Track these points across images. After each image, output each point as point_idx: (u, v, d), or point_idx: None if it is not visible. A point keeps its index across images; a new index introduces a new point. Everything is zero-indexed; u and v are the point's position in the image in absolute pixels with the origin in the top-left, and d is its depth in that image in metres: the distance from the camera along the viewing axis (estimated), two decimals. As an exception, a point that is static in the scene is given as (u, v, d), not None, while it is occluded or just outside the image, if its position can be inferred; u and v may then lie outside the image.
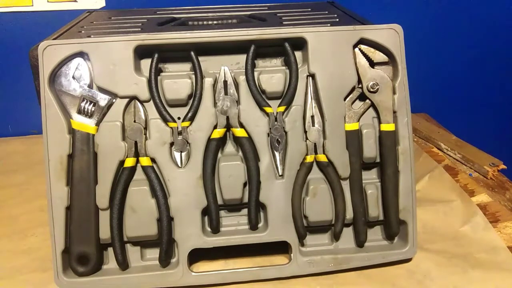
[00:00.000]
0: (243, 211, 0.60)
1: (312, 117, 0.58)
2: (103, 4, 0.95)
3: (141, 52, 0.56)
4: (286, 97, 0.57)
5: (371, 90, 0.57)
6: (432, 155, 0.89)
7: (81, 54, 0.54)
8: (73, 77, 0.54)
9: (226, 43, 0.56)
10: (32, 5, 0.93)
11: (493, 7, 1.09)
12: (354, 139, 0.58)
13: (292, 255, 0.58)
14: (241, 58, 0.58)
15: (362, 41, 0.57)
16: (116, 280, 0.55)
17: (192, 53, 0.56)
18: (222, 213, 0.59)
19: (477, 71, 1.16)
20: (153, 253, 0.58)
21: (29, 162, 0.88)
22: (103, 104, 0.54)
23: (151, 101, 0.56)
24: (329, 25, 0.64)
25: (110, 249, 0.56)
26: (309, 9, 0.78)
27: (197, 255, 0.58)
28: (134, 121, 0.56)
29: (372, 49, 0.58)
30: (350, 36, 0.57)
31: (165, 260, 0.56)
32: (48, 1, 0.93)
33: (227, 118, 0.57)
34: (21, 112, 1.01)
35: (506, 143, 1.21)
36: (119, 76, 0.54)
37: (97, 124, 0.55)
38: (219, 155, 0.58)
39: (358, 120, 0.58)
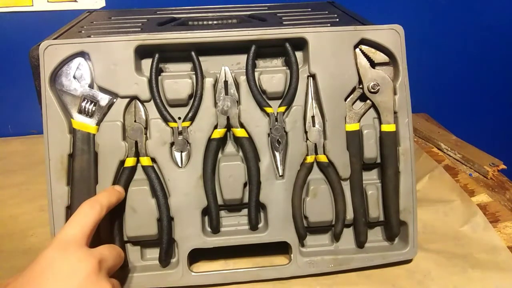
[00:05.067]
0: (243, 211, 0.60)
1: (313, 117, 0.58)
2: (103, 4, 0.95)
3: (141, 52, 0.56)
4: (287, 98, 0.57)
5: (372, 90, 0.57)
6: (432, 155, 0.89)
7: (82, 54, 0.54)
8: (74, 77, 0.54)
9: (226, 43, 0.56)
10: (32, 5, 0.93)
11: (493, 7, 1.09)
12: (354, 140, 0.58)
13: (292, 255, 0.58)
14: (242, 58, 0.58)
15: (363, 41, 0.57)
16: (116, 279, 0.55)
17: (193, 53, 0.56)
18: (222, 213, 0.59)
19: (477, 71, 1.16)
20: (153, 253, 0.58)
21: (29, 162, 0.88)
22: (104, 104, 0.54)
23: (152, 101, 0.56)
24: (329, 25, 0.64)
25: (111, 249, 0.56)
26: (309, 9, 0.78)
27: (197, 255, 0.58)
28: (135, 121, 0.56)
29: (373, 50, 0.57)
30: (351, 37, 0.57)
31: (165, 260, 0.56)
32: (48, 1, 0.93)
33: (228, 118, 0.57)
34: (21, 112, 1.01)
35: (506, 143, 1.21)
36: (119, 76, 0.54)
37: (98, 123, 0.54)
38: (220, 155, 0.58)
39: (359, 121, 0.58)
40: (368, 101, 0.58)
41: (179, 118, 0.56)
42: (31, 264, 0.43)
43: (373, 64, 0.58)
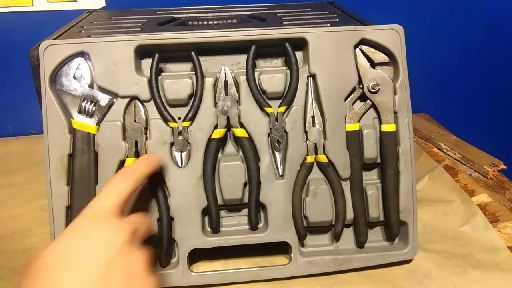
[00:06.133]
0: (243, 211, 0.60)
1: (313, 117, 0.58)
2: (103, 4, 0.95)
3: (141, 52, 0.56)
4: (287, 98, 0.57)
5: (372, 90, 0.57)
6: (432, 155, 0.89)
7: (82, 54, 0.54)
8: (74, 77, 0.54)
9: (226, 43, 0.56)
10: (32, 5, 0.93)
11: (493, 7, 1.09)
12: (354, 140, 0.58)
13: (292, 255, 0.58)
14: (242, 58, 0.58)
15: (363, 41, 0.57)
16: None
17: (193, 53, 0.56)
18: (222, 213, 0.59)
19: (477, 71, 1.16)
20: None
21: (29, 162, 0.88)
22: (104, 104, 0.54)
23: (152, 101, 0.56)
24: (329, 25, 0.64)
25: (111, 249, 0.56)
26: (309, 9, 0.78)
27: (197, 255, 0.59)
28: (135, 121, 0.56)
29: (373, 50, 0.57)
30: (351, 37, 0.57)
31: (165, 260, 0.56)
32: (48, 1, 0.93)
33: (228, 118, 0.57)
34: (21, 112, 1.01)
35: (506, 143, 1.21)
36: (120, 76, 0.54)
37: (98, 123, 0.55)
38: (220, 155, 0.58)
39: (359, 121, 0.58)
40: (368, 101, 0.58)
41: (179, 118, 0.56)
42: (63, 233, 0.41)
43: (373, 64, 0.58)
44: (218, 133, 0.56)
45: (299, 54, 0.58)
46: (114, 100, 0.55)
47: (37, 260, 0.39)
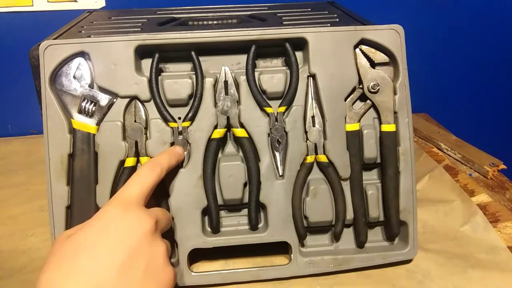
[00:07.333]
0: (243, 211, 0.60)
1: (313, 117, 0.58)
2: (103, 4, 0.95)
3: (141, 52, 0.56)
4: (287, 98, 0.57)
5: (372, 90, 0.57)
6: (432, 155, 0.89)
7: (82, 54, 0.54)
8: (74, 77, 0.54)
9: (226, 43, 0.56)
10: (32, 5, 0.93)
11: (493, 7, 1.09)
12: (354, 140, 0.58)
13: (292, 255, 0.58)
14: (242, 58, 0.58)
15: (363, 41, 0.57)
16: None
17: (193, 53, 0.56)
18: (222, 213, 0.59)
19: (477, 71, 1.16)
20: (154, 253, 0.58)
21: (29, 162, 0.88)
22: (104, 104, 0.54)
23: (152, 101, 0.56)
24: (329, 25, 0.64)
25: (111, 249, 0.56)
26: (309, 9, 0.78)
27: (197, 255, 0.59)
28: (135, 121, 0.56)
29: (373, 50, 0.57)
30: (351, 37, 0.57)
31: (165, 260, 0.56)
32: (48, 1, 0.93)
33: (228, 118, 0.57)
34: (21, 112, 1.01)
35: (506, 143, 1.21)
36: (120, 76, 0.54)
37: (98, 123, 0.55)
38: (220, 155, 0.58)
39: (359, 121, 0.58)
40: (368, 101, 0.58)
41: (179, 118, 0.56)
42: (92, 219, 0.44)
43: (373, 64, 0.58)
44: (218, 133, 0.56)
45: (299, 54, 0.58)
46: (114, 100, 0.55)
47: (67, 241, 0.42)
